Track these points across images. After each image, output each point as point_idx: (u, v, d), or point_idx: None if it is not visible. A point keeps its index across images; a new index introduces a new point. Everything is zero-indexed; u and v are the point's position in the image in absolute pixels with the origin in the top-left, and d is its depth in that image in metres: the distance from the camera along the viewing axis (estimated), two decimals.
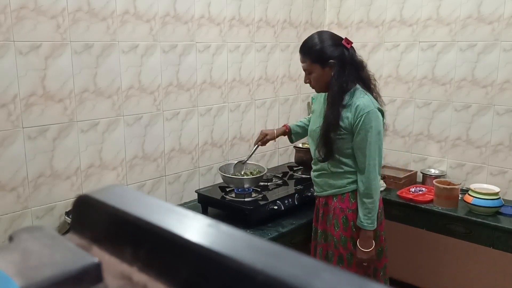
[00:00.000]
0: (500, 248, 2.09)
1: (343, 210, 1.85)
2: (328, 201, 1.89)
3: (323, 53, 1.78)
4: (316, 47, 1.79)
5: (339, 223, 1.86)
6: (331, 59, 1.77)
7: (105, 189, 0.44)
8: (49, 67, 1.75)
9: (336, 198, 1.86)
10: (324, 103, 1.87)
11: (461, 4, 2.42)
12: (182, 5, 2.14)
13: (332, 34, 1.85)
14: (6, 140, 1.67)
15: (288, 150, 2.86)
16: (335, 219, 1.86)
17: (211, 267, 0.33)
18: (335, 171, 1.84)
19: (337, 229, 1.86)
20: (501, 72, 2.33)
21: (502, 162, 2.38)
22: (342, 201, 1.85)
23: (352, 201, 1.84)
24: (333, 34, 1.86)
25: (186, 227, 0.38)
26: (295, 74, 2.83)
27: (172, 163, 2.23)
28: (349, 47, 1.81)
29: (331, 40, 1.80)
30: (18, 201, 1.73)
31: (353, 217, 1.83)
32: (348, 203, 1.84)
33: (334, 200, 1.86)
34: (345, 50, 1.79)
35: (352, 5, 2.85)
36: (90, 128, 1.90)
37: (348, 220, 1.84)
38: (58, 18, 1.74)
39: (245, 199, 2.06)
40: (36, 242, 0.39)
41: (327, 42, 1.79)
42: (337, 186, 1.85)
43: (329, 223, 1.90)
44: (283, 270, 0.31)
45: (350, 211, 1.83)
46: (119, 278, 0.38)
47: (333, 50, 1.78)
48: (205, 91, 2.32)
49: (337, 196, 1.86)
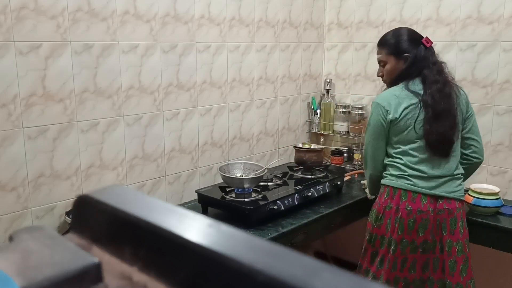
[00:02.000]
0: (500, 248, 2.09)
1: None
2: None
3: (399, 46, 1.90)
4: (392, 39, 1.93)
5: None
6: (406, 53, 1.88)
7: (105, 189, 0.45)
8: (49, 67, 1.75)
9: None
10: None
11: (461, 4, 2.42)
12: (182, 5, 2.14)
13: (411, 30, 1.96)
14: (6, 140, 1.67)
15: (288, 150, 2.86)
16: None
17: (211, 267, 0.33)
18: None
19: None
20: (501, 72, 2.33)
21: (502, 162, 2.38)
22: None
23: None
24: (412, 30, 1.97)
25: (186, 227, 0.38)
26: (295, 74, 2.83)
27: (172, 163, 2.23)
28: (428, 46, 1.89)
29: (409, 35, 1.91)
30: (18, 201, 1.73)
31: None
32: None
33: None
34: (423, 48, 1.88)
35: (352, 5, 2.85)
36: (90, 128, 1.90)
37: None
38: (58, 18, 1.74)
39: (245, 199, 2.06)
40: (36, 242, 0.39)
41: (404, 36, 1.91)
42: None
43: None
44: (283, 270, 0.31)
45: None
46: (119, 278, 0.38)
47: (409, 44, 1.88)
48: (205, 91, 2.32)
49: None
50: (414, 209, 1.86)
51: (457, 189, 1.89)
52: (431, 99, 1.82)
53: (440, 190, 1.87)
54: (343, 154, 2.88)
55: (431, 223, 1.86)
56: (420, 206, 1.85)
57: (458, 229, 1.87)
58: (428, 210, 1.85)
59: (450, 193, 1.87)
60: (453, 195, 1.87)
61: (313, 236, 2.23)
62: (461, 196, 1.90)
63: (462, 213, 1.90)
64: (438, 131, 1.82)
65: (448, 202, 1.86)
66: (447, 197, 1.86)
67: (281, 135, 2.82)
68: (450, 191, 1.87)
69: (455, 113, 1.85)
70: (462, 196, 1.91)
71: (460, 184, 1.91)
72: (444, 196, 1.86)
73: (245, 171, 2.25)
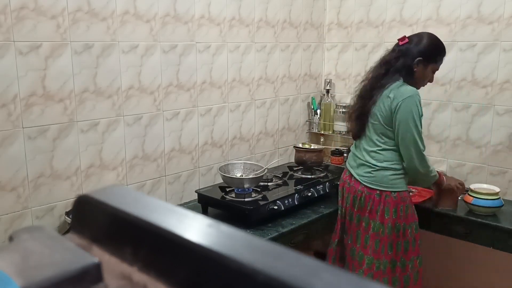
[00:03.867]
0: (500, 248, 2.09)
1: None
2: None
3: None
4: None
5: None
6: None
7: (105, 189, 0.45)
8: (49, 67, 1.75)
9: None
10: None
11: (461, 4, 2.42)
12: (182, 5, 2.14)
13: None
14: (6, 140, 1.67)
15: (288, 150, 2.86)
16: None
17: (211, 267, 0.33)
18: None
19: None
20: (501, 72, 2.33)
21: (502, 162, 2.38)
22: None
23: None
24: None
25: (186, 227, 0.38)
26: (295, 74, 2.83)
27: (172, 163, 2.23)
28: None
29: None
30: (18, 201, 1.73)
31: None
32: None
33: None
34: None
35: (352, 5, 2.85)
36: (90, 128, 1.90)
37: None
38: (58, 18, 1.74)
39: (245, 199, 2.06)
40: (36, 242, 0.39)
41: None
42: None
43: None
44: (283, 270, 0.31)
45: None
46: (119, 278, 0.38)
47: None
48: (205, 91, 2.32)
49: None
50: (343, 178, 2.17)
51: (365, 175, 2.05)
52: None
53: (354, 171, 2.09)
54: (343, 154, 2.88)
55: (346, 193, 2.12)
56: (344, 177, 2.16)
57: (366, 208, 2.03)
58: (346, 181, 2.12)
59: (358, 176, 2.06)
60: (359, 178, 2.06)
61: (313, 236, 2.23)
62: (365, 182, 2.03)
63: (371, 197, 2.01)
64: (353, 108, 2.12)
65: (356, 182, 2.07)
66: (355, 178, 2.07)
67: (281, 135, 2.82)
68: (358, 174, 2.07)
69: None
70: (367, 183, 2.02)
71: (369, 172, 2.03)
72: (353, 175, 2.08)
73: (245, 171, 2.25)
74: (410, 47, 1.98)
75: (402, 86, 1.95)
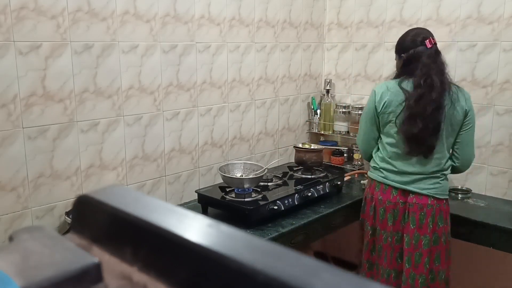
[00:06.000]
0: (500, 248, 2.09)
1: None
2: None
3: (399, 45, 2.04)
4: (399, 39, 2.07)
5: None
6: (403, 53, 1.99)
7: (105, 189, 0.45)
8: (49, 67, 1.75)
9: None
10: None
11: (461, 4, 2.42)
12: (182, 5, 2.14)
13: (416, 31, 2.02)
14: (6, 140, 1.67)
15: (288, 150, 2.86)
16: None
17: (211, 267, 0.33)
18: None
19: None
20: (501, 72, 2.33)
21: (502, 162, 2.38)
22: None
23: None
24: (419, 31, 2.01)
25: (186, 227, 0.38)
26: (295, 74, 2.83)
27: (172, 163, 2.23)
28: (429, 47, 1.94)
29: (412, 36, 1.98)
30: (18, 201, 1.73)
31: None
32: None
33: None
34: (422, 48, 1.95)
35: (352, 5, 2.85)
36: (90, 128, 1.90)
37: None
38: (58, 18, 1.74)
39: (245, 199, 2.06)
40: (36, 242, 0.39)
41: (407, 37, 2.00)
42: None
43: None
44: (283, 270, 0.31)
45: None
46: (119, 278, 0.38)
47: (408, 45, 1.98)
48: (205, 91, 2.32)
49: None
50: (384, 199, 2.00)
51: (432, 187, 1.95)
52: (412, 101, 1.86)
53: (412, 185, 1.96)
54: (343, 154, 2.88)
55: (401, 214, 1.98)
56: (390, 198, 1.99)
57: (426, 224, 1.93)
58: (398, 202, 1.98)
59: (422, 190, 1.94)
60: (426, 191, 1.94)
61: (313, 236, 2.23)
62: (435, 194, 1.95)
63: (435, 209, 1.94)
64: (412, 131, 1.87)
65: (419, 198, 1.94)
66: (418, 193, 1.94)
67: (281, 135, 2.82)
68: (423, 188, 1.94)
69: (437, 118, 1.86)
70: (438, 194, 1.95)
71: (437, 182, 1.96)
72: (415, 191, 1.95)
73: (245, 171, 2.25)
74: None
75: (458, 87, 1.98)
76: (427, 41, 1.91)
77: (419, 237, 1.93)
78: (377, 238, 2.04)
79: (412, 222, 1.94)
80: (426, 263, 1.94)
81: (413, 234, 1.94)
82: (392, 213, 1.98)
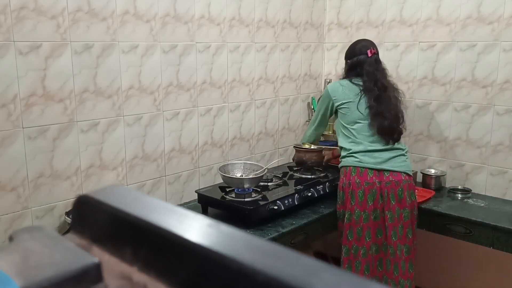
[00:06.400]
0: (500, 248, 2.09)
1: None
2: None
3: (346, 53, 2.32)
4: (348, 49, 2.36)
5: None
6: (348, 59, 2.28)
7: (105, 189, 0.45)
8: (49, 67, 1.75)
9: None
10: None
11: (461, 4, 2.42)
12: (182, 5, 2.14)
13: (360, 43, 2.27)
14: (6, 140, 1.67)
15: (288, 150, 2.86)
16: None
17: (211, 267, 0.33)
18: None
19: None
20: (501, 72, 2.33)
21: (502, 162, 2.38)
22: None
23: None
24: (363, 43, 2.26)
25: (186, 227, 0.38)
26: (295, 74, 2.83)
27: (172, 163, 2.23)
28: (369, 56, 2.19)
29: (355, 46, 2.26)
30: (18, 201, 1.73)
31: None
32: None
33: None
34: (364, 57, 2.21)
35: (352, 5, 2.85)
36: (90, 128, 1.90)
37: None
38: (58, 18, 1.74)
39: (245, 199, 2.06)
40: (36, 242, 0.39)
41: (352, 47, 2.29)
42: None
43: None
44: (283, 270, 0.31)
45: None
46: (119, 278, 0.38)
47: (352, 53, 2.27)
48: (205, 91, 2.32)
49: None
50: (362, 181, 2.08)
51: (403, 164, 2.13)
52: (372, 101, 2.11)
53: (385, 165, 2.10)
54: None
55: (378, 193, 2.08)
56: (367, 179, 2.09)
57: (404, 198, 2.07)
58: (375, 182, 2.08)
59: (395, 167, 2.10)
60: (398, 168, 2.10)
61: (313, 236, 2.23)
62: (406, 170, 2.12)
63: (409, 184, 2.10)
64: (384, 124, 2.10)
65: (394, 175, 2.09)
66: (392, 171, 2.09)
67: (281, 135, 2.82)
68: (395, 166, 2.10)
69: (397, 111, 2.14)
70: (408, 171, 2.12)
71: (404, 160, 2.15)
72: (390, 169, 2.09)
73: (245, 171, 2.25)
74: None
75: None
76: (368, 51, 2.18)
77: (399, 211, 2.07)
78: (355, 221, 2.09)
79: (392, 198, 2.07)
80: (408, 233, 2.09)
81: (395, 209, 2.07)
82: (371, 193, 2.08)
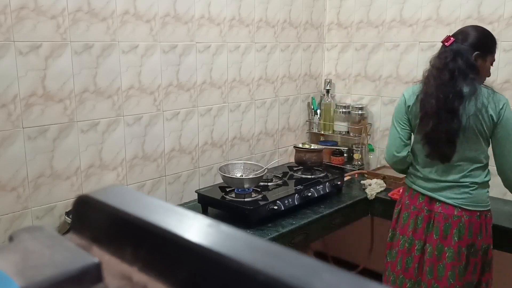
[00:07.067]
0: (500, 248, 2.09)
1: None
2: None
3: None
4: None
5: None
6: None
7: (105, 189, 0.44)
8: (49, 67, 1.75)
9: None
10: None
11: (461, 4, 2.42)
12: (182, 5, 2.14)
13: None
14: (6, 140, 1.67)
15: (288, 150, 2.86)
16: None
17: (211, 267, 0.33)
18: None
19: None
20: (501, 72, 2.33)
21: None
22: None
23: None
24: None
25: (186, 227, 0.38)
26: (295, 74, 2.83)
27: (172, 163, 2.23)
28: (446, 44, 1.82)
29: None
30: (18, 201, 1.73)
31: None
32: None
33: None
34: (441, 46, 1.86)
35: (352, 5, 2.85)
36: (90, 128, 1.90)
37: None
38: (58, 18, 1.74)
39: (245, 199, 2.06)
40: (36, 242, 0.38)
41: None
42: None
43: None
44: (283, 270, 0.31)
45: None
46: (119, 278, 0.38)
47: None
48: (205, 91, 2.32)
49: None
50: (410, 204, 1.91)
51: (459, 197, 1.80)
52: (420, 99, 1.80)
53: (438, 193, 1.83)
54: (343, 154, 2.88)
55: (425, 222, 1.85)
56: (416, 203, 1.89)
57: (451, 236, 1.80)
58: (423, 209, 1.86)
59: (447, 199, 1.81)
60: (451, 201, 1.81)
61: (313, 236, 2.23)
62: (462, 204, 1.80)
63: (463, 221, 1.79)
64: (425, 131, 1.77)
65: (445, 207, 1.81)
66: (444, 202, 1.82)
67: (281, 135, 2.82)
68: (448, 197, 1.81)
69: (451, 125, 1.72)
70: (466, 205, 1.80)
71: (466, 192, 1.80)
72: (441, 200, 1.82)
73: (245, 171, 2.25)
74: (460, 45, 1.76)
75: (488, 90, 1.77)
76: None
77: (442, 249, 1.80)
78: (395, 243, 1.96)
79: (436, 232, 1.82)
80: (450, 277, 1.79)
81: (436, 244, 1.81)
82: (415, 219, 1.87)
